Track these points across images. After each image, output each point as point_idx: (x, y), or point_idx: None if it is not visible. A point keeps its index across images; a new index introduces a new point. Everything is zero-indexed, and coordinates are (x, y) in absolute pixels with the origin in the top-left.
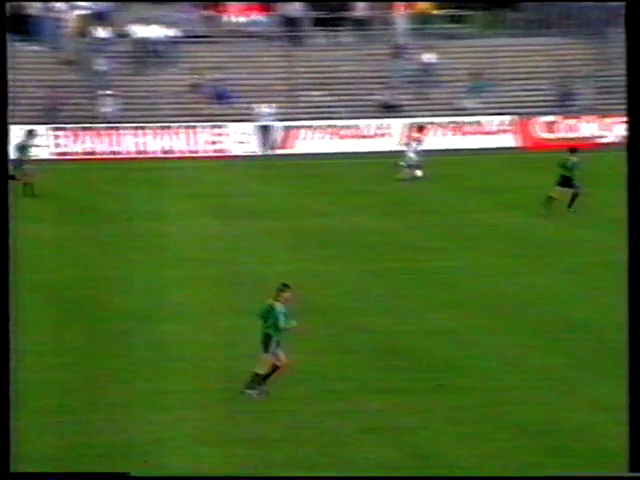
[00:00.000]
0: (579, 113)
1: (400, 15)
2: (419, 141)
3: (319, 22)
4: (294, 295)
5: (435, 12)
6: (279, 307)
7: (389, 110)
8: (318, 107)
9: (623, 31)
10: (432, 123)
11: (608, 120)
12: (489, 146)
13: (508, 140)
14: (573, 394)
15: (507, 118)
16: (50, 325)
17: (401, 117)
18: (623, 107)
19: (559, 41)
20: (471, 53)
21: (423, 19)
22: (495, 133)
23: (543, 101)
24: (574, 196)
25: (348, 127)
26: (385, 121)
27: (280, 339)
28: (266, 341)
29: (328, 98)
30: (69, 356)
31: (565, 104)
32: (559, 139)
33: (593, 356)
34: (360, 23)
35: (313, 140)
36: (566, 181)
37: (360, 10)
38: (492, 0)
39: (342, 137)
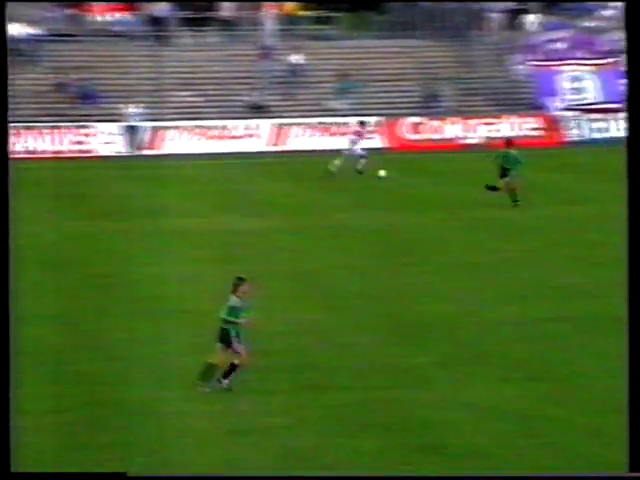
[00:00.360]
0: (444, 115)
1: (267, 16)
2: (361, 136)
3: (186, 22)
4: (251, 288)
5: (301, 13)
6: (233, 300)
7: (257, 111)
8: (186, 107)
9: (485, 34)
10: (300, 124)
11: (471, 122)
12: None
13: (375, 141)
14: (437, 392)
15: (374, 119)
16: None
17: (269, 118)
18: (486, 109)
19: (423, 43)
20: (338, 54)
21: (290, 20)
22: None
23: (409, 102)
24: (495, 188)
25: (216, 128)
26: (253, 122)
27: (238, 332)
28: (224, 336)
29: (196, 98)
30: None
31: (430, 106)
32: (424, 140)
33: (456, 354)
34: (227, 23)
35: (181, 140)
36: (504, 173)
37: (227, 10)
38: (358, 1)
39: (210, 138)
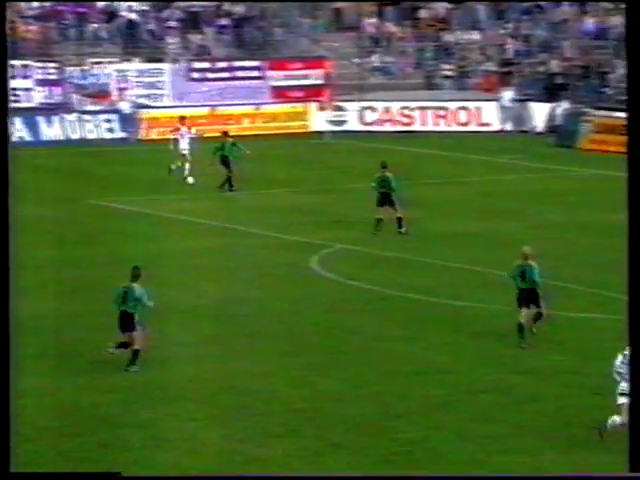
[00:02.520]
0: None
1: None
2: (178, 131)
3: None
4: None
5: None
6: (138, 288)
7: None
8: None
9: None
10: None
11: None
12: None
13: None
14: None
15: None
16: None
17: None
18: None
19: None
20: None
21: None
22: None
23: None
24: (228, 177)
25: None
26: None
27: (140, 317)
28: (129, 320)
29: None
30: None
31: None
32: None
33: None
34: None
35: None
36: (224, 162)
37: None
38: None
39: None
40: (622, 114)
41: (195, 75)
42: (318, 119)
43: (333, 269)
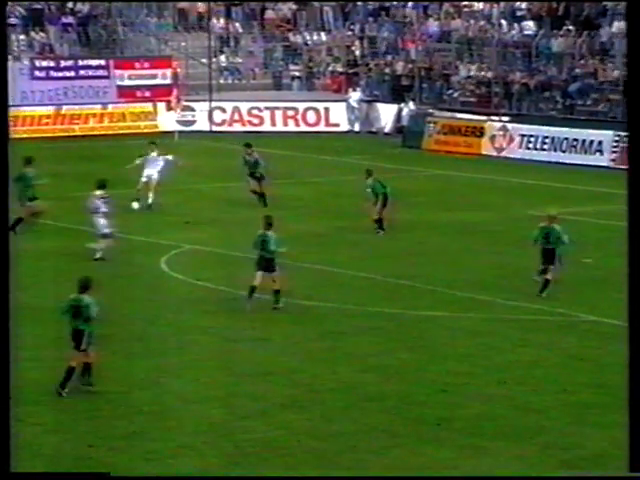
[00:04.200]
0: None
1: None
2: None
3: None
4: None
5: None
6: (273, 235)
7: None
8: None
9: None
10: None
11: None
12: None
13: None
14: None
15: None
16: None
17: None
18: None
19: None
20: None
21: None
22: None
23: None
24: (257, 192)
25: None
26: None
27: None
28: (269, 263)
29: None
30: None
31: None
32: None
33: None
34: None
35: None
36: (253, 174)
37: None
38: None
39: None
40: (465, 115)
41: (38, 73)
42: (167, 119)
43: (182, 270)
